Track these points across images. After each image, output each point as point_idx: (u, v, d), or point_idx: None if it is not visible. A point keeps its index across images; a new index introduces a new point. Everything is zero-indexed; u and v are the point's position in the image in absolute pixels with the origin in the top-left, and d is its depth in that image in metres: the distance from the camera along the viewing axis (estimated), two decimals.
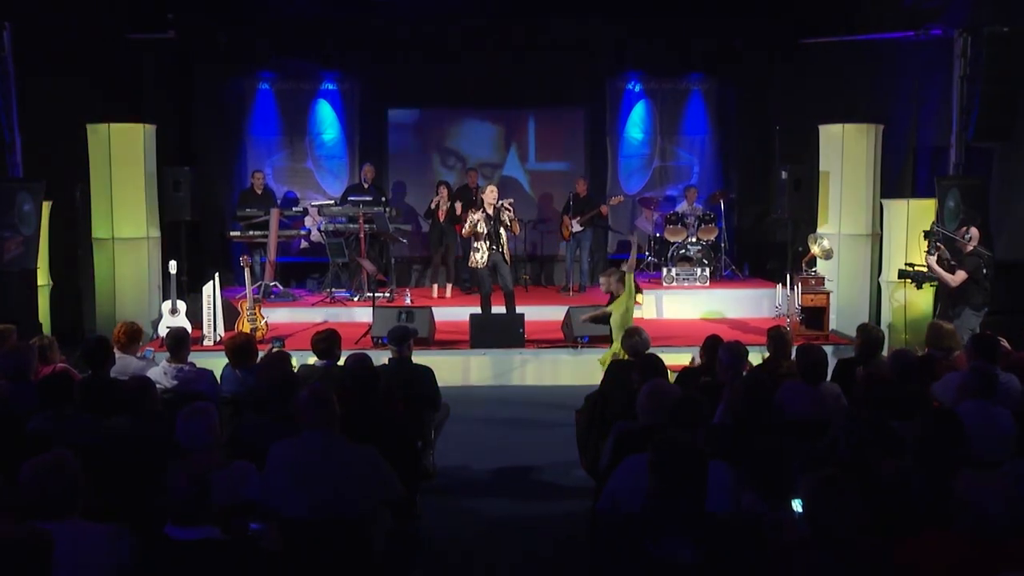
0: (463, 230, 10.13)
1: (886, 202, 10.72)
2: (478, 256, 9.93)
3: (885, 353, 6.86)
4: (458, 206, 12.37)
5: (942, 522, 3.42)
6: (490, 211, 9.83)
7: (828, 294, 10.16)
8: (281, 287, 12.29)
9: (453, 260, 12.86)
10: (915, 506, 3.76)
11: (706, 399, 4.75)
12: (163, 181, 10.99)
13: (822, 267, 10.65)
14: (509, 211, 9.89)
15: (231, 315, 10.01)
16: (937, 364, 6.23)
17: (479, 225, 9.82)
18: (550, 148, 14.54)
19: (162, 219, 11.00)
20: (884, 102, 11.56)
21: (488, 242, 9.87)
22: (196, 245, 12.46)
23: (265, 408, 5.02)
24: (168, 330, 6.72)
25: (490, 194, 9.88)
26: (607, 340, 9.47)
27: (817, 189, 11.27)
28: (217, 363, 6.68)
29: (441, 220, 12.60)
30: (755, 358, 7.29)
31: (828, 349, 7.65)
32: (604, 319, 8.56)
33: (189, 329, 9.07)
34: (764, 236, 13.73)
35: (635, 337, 6.47)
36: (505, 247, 9.94)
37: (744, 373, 5.85)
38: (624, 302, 8.04)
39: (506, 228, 9.90)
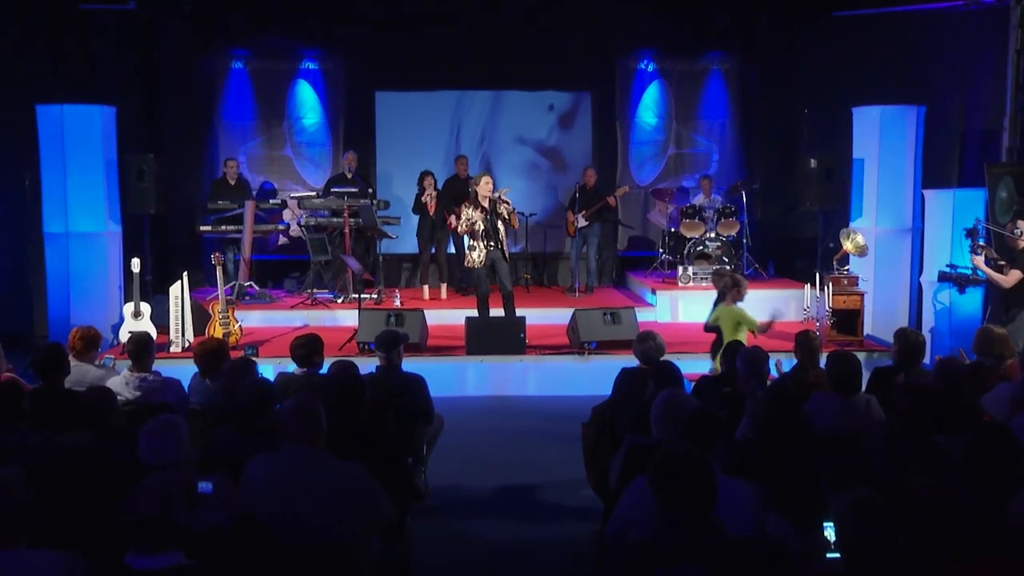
0: (458, 227, 10.09)
1: (928, 192, 10.66)
2: (474, 255, 9.91)
3: (927, 362, 6.84)
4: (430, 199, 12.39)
5: (994, 548, 3.39)
6: (485, 204, 9.80)
7: (862, 295, 10.14)
8: (257, 288, 12.28)
9: (445, 257, 12.85)
10: (961, 530, 3.74)
11: (726, 411, 4.71)
12: (124, 170, 10.96)
13: (855, 265, 10.62)
14: (507, 203, 9.82)
15: (201, 319, 9.98)
16: (987, 373, 6.18)
17: (476, 221, 9.80)
18: (554, 135, 14.54)
19: (123, 212, 10.97)
20: (927, 80, 11.50)
21: (485, 239, 9.84)
22: (162, 241, 12.46)
23: (240, 421, 5.00)
24: (130, 335, 6.70)
25: (485, 186, 9.80)
26: (616, 346, 9.49)
27: (850, 178, 11.25)
28: (185, 372, 6.65)
29: (431, 213, 12.58)
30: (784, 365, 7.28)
31: (861, 356, 7.63)
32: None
33: (154, 334, 9.12)
34: (791, 231, 13.73)
35: (648, 342, 6.46)
36: (504, 244, 9.91)
37: (768, 382, 5.83)
38: (741, 318, 8.14)
39: (504, 222, 9.86)
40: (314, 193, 12.88)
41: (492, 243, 9.85)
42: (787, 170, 13.51)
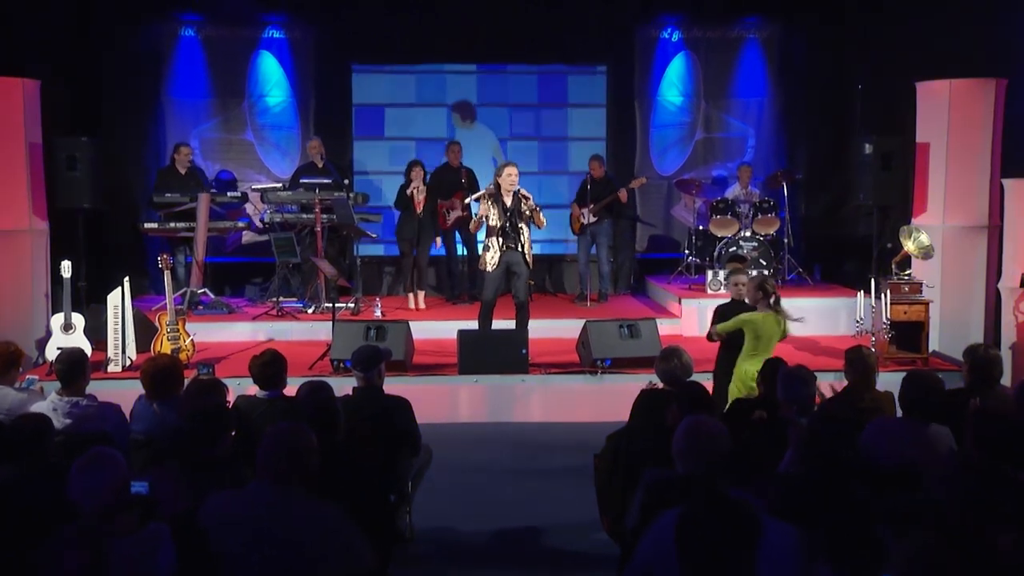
0: (469, 223, 10.09)
1: (1009, 183, 10.63)
2: (487, 256, 9.93)
3: (1006, 383, 6.81)
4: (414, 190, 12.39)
5: None
6: (507, 199, 9.81)
7: (927, 305, 10.11)
8: (212, 295, 12.26)
9: (427, 261, 12.92)
10: None
11: (765, 441, 4.69)
12: (53, 156, 10.97)
13: (919, 269, 10.59)
14: (528, 199, 9.87)
15: (145, 332, 9.96)
16: None
17: (491, 217, 9.81)
18: (561, 117, 14.58)
19: (51, 206, 10.97)
20: (1007, 49, 11.44)
21: (502, 239, 9.87)
22: (99, 240, 12.43)
23: (191, 453, 4.96)
24: (59, 352, 6.64)
25: (507, 177, 9.85)
26: (634, 364, 9.47)
27: (912, 167, 11.24)
28: (126, 395, 6.64)
29: (419, 210, 12.56)
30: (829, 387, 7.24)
31: None
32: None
33: (88, 351, 9.09)
34: (841, 229, 13.71)
35: (673, 360, 6.46)
36: (527, 248, 9.93)
37: (815, 407, 5.82)
38: (779, 326, 8.09)
39: (527, 221, 9.88)
40: (280, 185, 12.90)
41: (511, 244, 9.85)
42: (837, 157, 13.50)
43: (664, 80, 14.55)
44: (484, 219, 9.86)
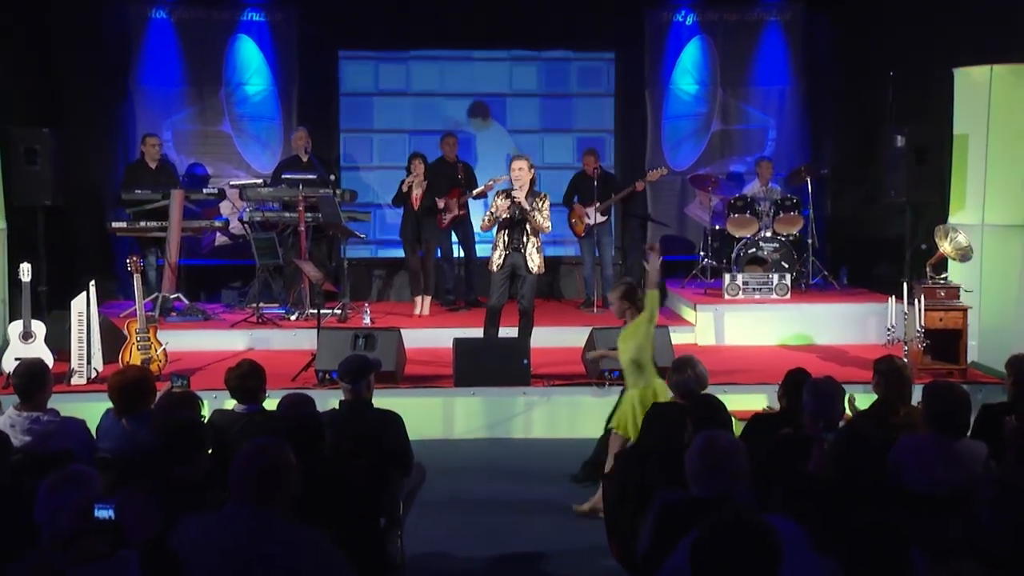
0: (482, 220, 10.08)
1: None
2: (495, 255, 9.96)
3: None
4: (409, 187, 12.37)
5: None
6: (520, 196, 9.80)
7: (965, 311, 10.07)
8: (186, 301, 12.22)
9: (434, 263, 12.82)
10: None
11: (787, 459, 4.66)
12: (10, 149, 10.97)
13: (956, 272, 10.57)
14: (543, 200, 9.84)
15: (114, 341, 9.93)
16: None
17: (504, 213, 9.81)
18: (565, 108, 14.59)
19: (8, 203, 10.97)
20: None
21: (508, 237, 9.88)
22: (61, 241, 12.39)
23: (163, 472, 4.97)
24: (18, 363, 6.63)
25: (512, 172, 9.84)
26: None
27: (950, 161, 11.23)
28: (91, 410, 6.64)
29: (416, 208, 12.53)
30: (860, 400, 7.20)
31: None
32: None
33: (50, 362, 9.04)
34: (870, 229, 13.70)
35: (687, 371, 6.48)
36: (534, 248, 9.90)
37: (842, 423, 5.80)
38: (641, 330, 7.80)
39: (531, 222, 9.82)
40: (260, 181, 12.85)
41: (515, 246, 9.85)
42: (866, 150, 13.48)
43: (677, 67, 14.54)
44: (495, 216, 9.83)
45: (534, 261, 9.90)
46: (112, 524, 4.14)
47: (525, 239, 9.85)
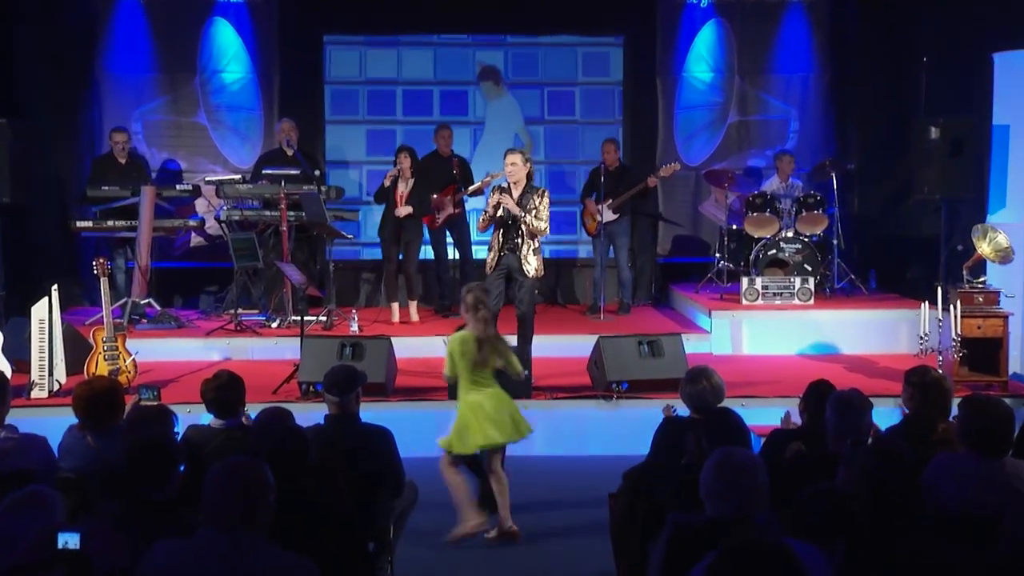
0: (478, 220, 10.07)
1: None
2: (489, 257, 10.01)
3: None
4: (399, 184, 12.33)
5: None
6: (515, 192, 9.80)
7: (1006, 318, 10.07)
8: (158, 307, 12.22)
9: (417, 266, 12.83)
10: None
11: (809, 478, 4.63)
12: None
13: (995, 276, 10.56)
14: (541, 196, 9.82)
15: (79, 351, 9.90)
16: None
17: (496, 214, 9.81)
18: (570, 97, 14.59)
19: None
20: None
21: (502, 238, 9.89)
22: (21, 241, 12.37)
23: (133, 494, 4.95)
24: None
25: (506, 167, 9.84)
26: (656, 387, 9.47)
27: (988, 154, 11.22)
28: (53, 426, 6.60)
29: (399, 207, 12.48)
30: (887, 417, 7.17)
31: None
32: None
33: (8, 373, 8.99)
34: (901, 228, 13.71)
35: (702, 382, 6.48)
36: (530, 250, 9.87)
37: (870, 440, 5.78)
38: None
39: (526, 223, 9.78)
40: (239, 177, 12.85)
41: (510, 247, 9.84)
42: (897, 143, 13.44)
43: (691, 53, 14.53)
44: (492, 216, 9.79)
45: (530, 264, 9.85)
46: (76, 554, 4.09)
47: (520, 240, 9.81)
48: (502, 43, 14.47)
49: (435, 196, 12.58)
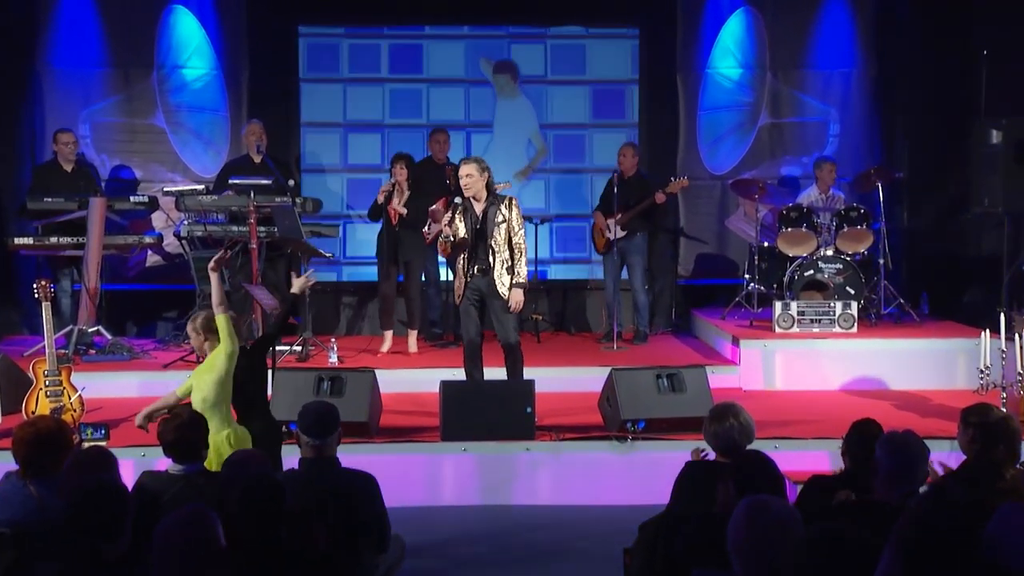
0: (438, 243, 10.05)
1: None
2: (457, 283, 9.99)
3: None
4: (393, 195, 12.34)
5: None
6: (476, 208, 9.82)
7: None
8: (109, 335, 12.22)
9: (419, 289, 12.85)
10: None
11: (856, 532, 4.66)
12: None
13: None
14: (512, 207, 9.83)
15: (16, 385, 9.93)
16: None
17: (457, 233, 9.78)
18: (579, 97, 14.64)
19: None
20: None
21: (469, 261, 9.87)
22: None
23: (78, 551, 4.94)
24: None
25: (470, 179, 9.83)
26: (677, 427, 9.51)
27: None
28: None
29: (395, 221, 12.47)
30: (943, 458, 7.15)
31: None
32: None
33: None
34: (958, 245, 13.74)
35: (729, 420, 6.48)
36: (503, 268, 9.87)
37: (925, 487, 5.79)
38: (219, 362, 7.75)
39: (505, 236, 9.81)
40: (201, 187, 12.86)
41: (480, 266, 9.83)
42: (952, 148, 13.52)
43: (717, 47, 14.58)
44: (450, 237, 9.79)
45: (504, 284, 9.86)
46: None
47: (491, 258, 9.81)
48: (501, 35, 14.54)
49: (431, 208, 12.60)
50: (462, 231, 9.79)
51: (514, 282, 9.79)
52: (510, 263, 9.86)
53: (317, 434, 6.49)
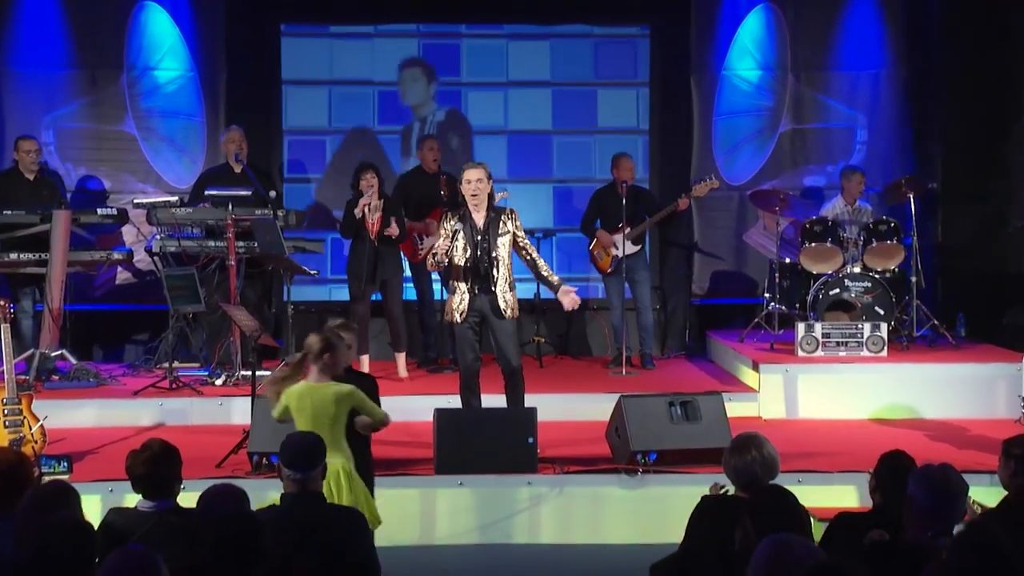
0: (428, 259, 10.06)
1: None
2: (454, 301, 9.91)
3: None
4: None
5: None
6: (478, 219, 9.81)
7: None
8: (73, 360, 12.19)
9: (402, 309, 12.82)
10: None
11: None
12: None
13: None
14: (514, 219, 9.86)
15: None
16: None
17: (457, 246, 9.78)
18: (585, 101, 14.71)
19: None
20: None
21: (469, 279, 9.85)
22: None
23: None
24: None
25: (466, 185, 9.82)
26: (691, 459, 9.51)
27: None
28: None
29: (373, 236, 12.44)
30: (982, 497, 7.14)
31: None
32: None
33: None
34: (996, 262, 13.73)
35: (750, 453, 6.47)
36: (507, 284, 9.89)
37: (963, 525, 5.75)
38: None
39: (517, 251, 9.86)
40: (176, 198, 12.88)
41: (482, 284, 9.81)
42: (991, 157, 13.51)
43: (734, 47, 14.61)
44: (444, 253, 9.77)
45: (508, 302, 9.87)
46: None
47: (495, 273, 9.82)
48: (500, 35, 14.58)
49: (425, 221, 12.59)
50: (461, 245, 9.80)
51: (558, 284, 9.92)
52: (511, 279, 9.88)
53: (300, 467, 6.40)
